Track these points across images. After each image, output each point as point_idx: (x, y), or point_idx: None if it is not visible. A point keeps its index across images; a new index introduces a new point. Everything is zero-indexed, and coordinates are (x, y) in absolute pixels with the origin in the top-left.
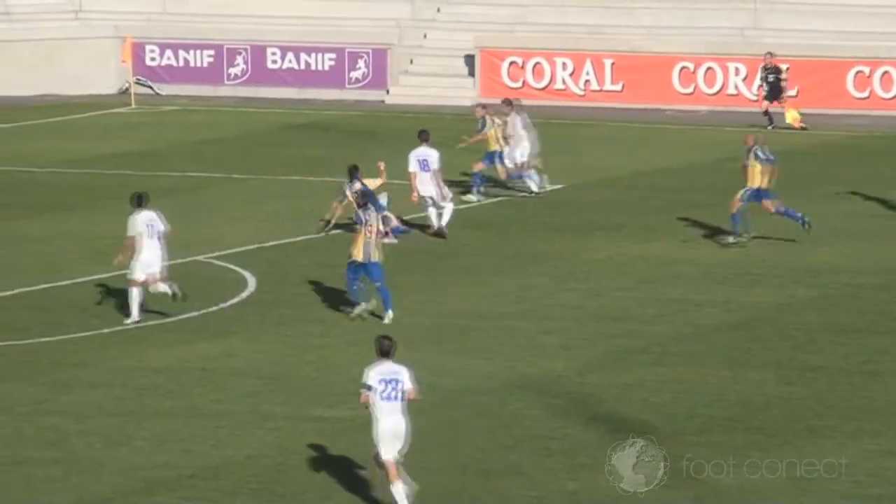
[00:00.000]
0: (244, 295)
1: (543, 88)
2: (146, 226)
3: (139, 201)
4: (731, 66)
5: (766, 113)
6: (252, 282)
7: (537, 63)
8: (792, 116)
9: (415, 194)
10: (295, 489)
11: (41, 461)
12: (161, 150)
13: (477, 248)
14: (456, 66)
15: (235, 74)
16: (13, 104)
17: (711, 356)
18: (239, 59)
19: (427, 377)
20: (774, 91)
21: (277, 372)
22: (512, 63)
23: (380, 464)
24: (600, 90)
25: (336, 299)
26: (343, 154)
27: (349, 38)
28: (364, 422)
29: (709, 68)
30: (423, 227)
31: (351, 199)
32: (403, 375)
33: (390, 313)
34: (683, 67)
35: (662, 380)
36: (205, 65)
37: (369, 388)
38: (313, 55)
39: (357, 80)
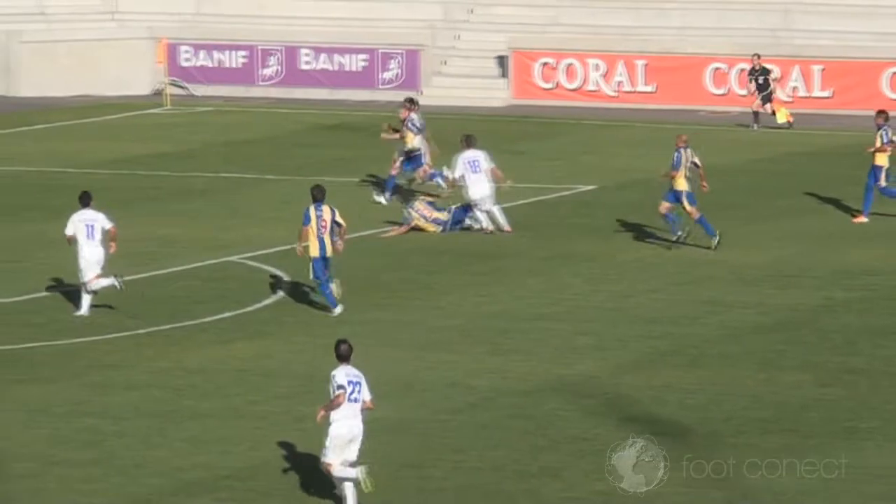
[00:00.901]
0: (278, 296)
1: (576, 89)
2: (85, 225)
3: (82, 200)
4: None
5: (754, 113)
6: (286, 282)
7: (570, 64)
8: (783, 115)
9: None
10: (328, 490)
11: (79, 462)
12: (195, 150)
13: (511, 250)
14: (488, 68)
15: (268, 75)
16: (50, 105)
17: (747, 358)
18: (272, 60)
19: (462, 378)
20: (764, 92)
21: (311, 373)
22: (544, 64)
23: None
24: (633, 91)
25: (368, 301)
26: (374, 155)
27: (382, 40)
28: (396, 422)
29: (742, 69)
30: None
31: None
32: (364, 380)
33: (339, 309)
34: (716, 68)
35: (697, 382)
36: (238, 66)
37: (342, 387)
38: (346, 56)
39: (389, 81)
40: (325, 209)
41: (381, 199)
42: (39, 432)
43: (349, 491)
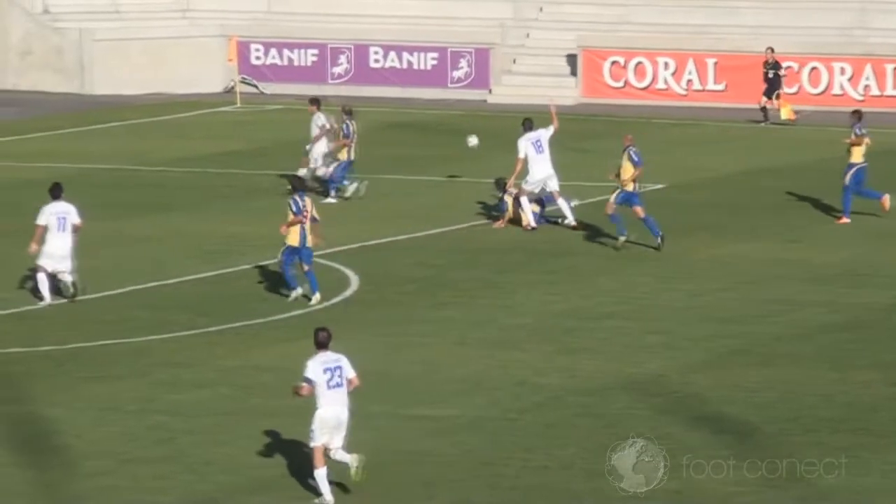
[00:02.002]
0: (347, 294)
1: (645, 88)
2: (57, 218)
3: (53, 192)
4: (837, 65)
5: (763, 109)
6: (355, 281)
7: (639, 63)
8: (787, 112)
9: (512, 181)
10: (398, 488)
11: (150, 459)
12: (265, 148)
13: (581, 248)
14: (558, 66)
15: (339, 73)
16: (123, 103)
17: (817, 357)
18: (342, 59)
19: (531, 377)
20: (773, 86)
21: (380, 371)
22: (614, 63)
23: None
24: (703, 90)
25: (438, 299)
26: (444, 153)
27: (452, 38)
28: (467, 421)
29: (813, 68)
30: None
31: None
32: (344, 363)
33: (318, 295)
34: (787, 67)
35: (767, 380)
36: (309, 64)
37: (310, 381)
38: (416, 54)
39: (459, 80)
40: (308, 199)
41: (331, 200)
42: (110, 430)
43: (325, 486)
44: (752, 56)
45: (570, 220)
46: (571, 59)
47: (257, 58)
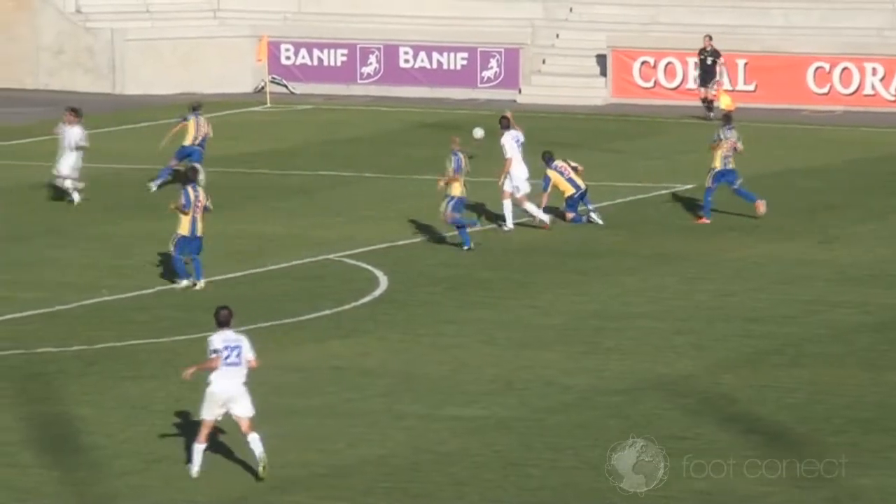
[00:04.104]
0: (376, 294)
1: (675, 88)
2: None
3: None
4: (868, 66)
5: (704, 100)
6: (384, 281)
7: (669, 63)
8: (725, 102)
9: (502, 180)
10: (428, 489)
11: (179, 459)
12: (295, 148)
13: (609, 248)
14: (588, 66)
15: (368, 73)
16: (153, 102)
17: (849, 358)
18: (372, 59)
19: (559, 377)
20: (709, 75)
21: (409, 371)
22: (644, 63)
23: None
24: (733, 90)
25: (467, 299)
26: (474, 154)
27: (481, 38)
28: (496, 421)
29: (845, 68)
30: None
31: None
32: (244, 344)
33: (202, 282)
34: (818, 68)
35: (798, 381)
36: (338, 64)
37: (217, 351)
38: (445, 55)
39: (489, 80)
40: (201, 190)
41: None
42: (140, 429)
43: (198, 460)
44: (782, 57)
45: (509, 225)
46: (601, 60)
47: (287, 58)
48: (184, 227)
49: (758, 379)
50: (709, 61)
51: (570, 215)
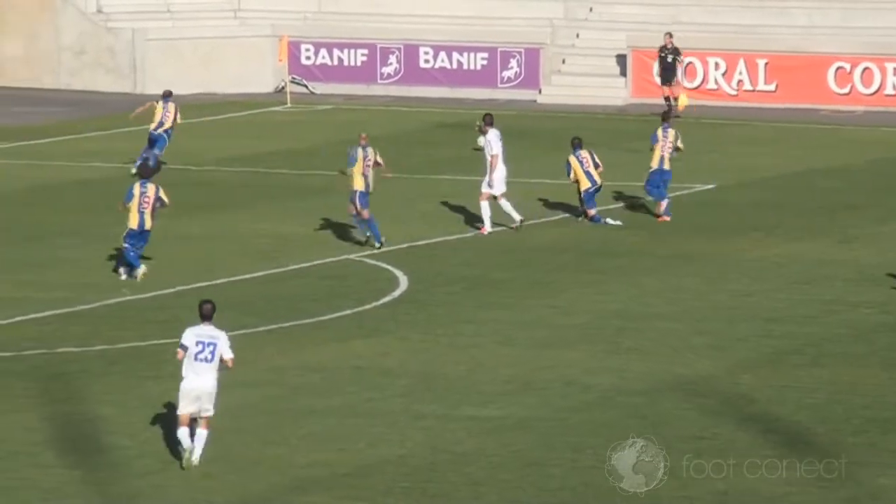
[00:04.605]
0: (396, 294)
1: (696, 88)
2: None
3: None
4: (890, 66)
5: (667, 99)
6: (404, 281)
7: (690, 63)
8: (682, 102)
9: (494, 180)
10: (446, 489)
11: (200, 460)
12: (315, 148)
13: (629, 249)
14: (608, 66)
15: (388, 73)
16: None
17: (869, 357)
18: (392, 59)
19: (580, 377)
20: (669, 72)
21: (429, 371)
22: None
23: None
24: (753, 90)
25: (487, 299)
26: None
27: (501, 38)
28: (515, 421)
29: (866, 68)
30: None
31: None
32: (221, 341)
33: (143, 268)
34: (839, 67)
35: (817, 381)
36: (358, 64)
37: (185, 347)
38: (465, 54)
39: (509, 80)
40: (150, 187)
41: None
42: (161, 429)
43: (186, 440)
44: (803, 56)
45: (517, 218)
46: (621, 60)
47: (307, 58)
48: (132, 222)
49: (777, 379)
50: (669, 59)
51: (591, 212)
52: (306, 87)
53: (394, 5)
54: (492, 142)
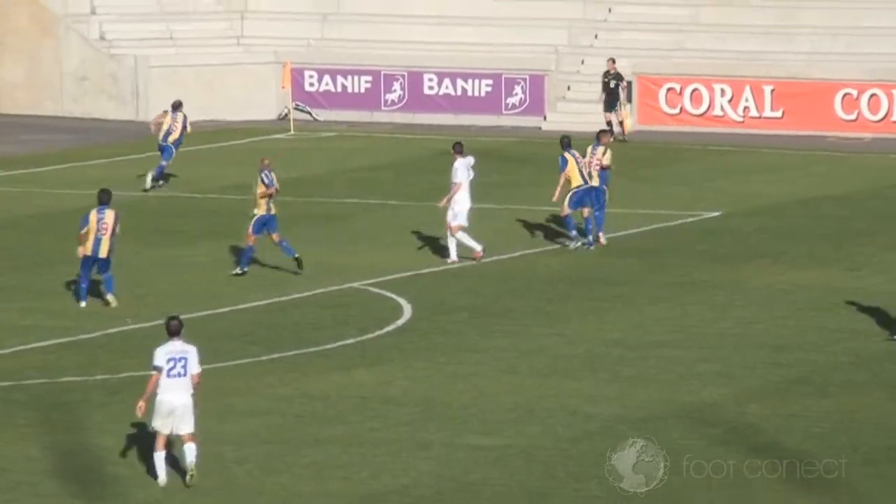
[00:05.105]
0: (400, 322)
1: (701, 115)
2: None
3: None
4: None
5: (609, 125)
6: (408, 309)
7: (695, 89)
8: (627, 125)
9: (445, 202)
10: None
11: (203, 489)
12: (319, 176)
13: (633, 276)
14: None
15: (392, 100)
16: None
17: (876, 386)
18: (396, 85)
19: (583, 406)
20: (613, 99)
21: (432, 400)
22: (669, 89)
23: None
24: (759, 117)
25: (490, 327)
26: (499, 181)
27: (506, 65)
28: (518, 451)
29: (873, 95)
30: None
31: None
32: (191, 356)
33: (110, 296)
34: (846, 94)
35: (825, 410)
36: (362, 91)
37: (159, 368)
38: (470, 81)
39: (514, 107)
40: (109, 213)
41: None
42: None
43: (161, 469)
44: (809, 83)
45: (453, 258)
46: (626, 86)
47: (311, 84)
48: (87, 247)
49: (785, 408)
50: (612, 84)
51: (566, 210)
52: (310, 114)
53: (398, 32)
54: (458, 170)
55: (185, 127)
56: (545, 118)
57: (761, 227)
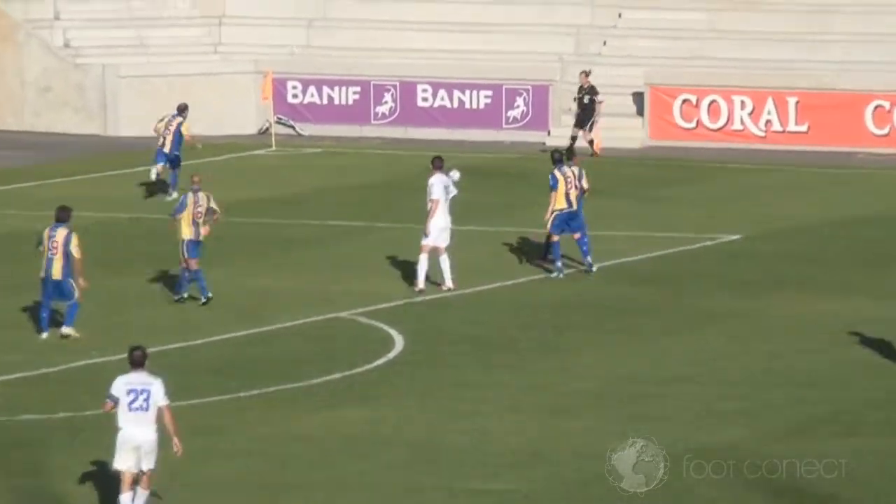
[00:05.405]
0: (391, 355)
1: (719, 129)
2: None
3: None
4: None
5: (573, 139)
6: (400, 341)
7: (713, 101)
8: (598, 144)
9: (429, 229)
10: None
11: None
12: (303, 195)
13: (647, 305)
14: (623, 105)
15: (383, 113)
16: (148, 145)
17: None
18: (387, 97)
19: (592, 446)
20: (587, 114)
21: (428, 441)
22: (685, 101)
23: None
24: (783, 131)
25: (492, 361)
26: (498, 201)
27: (507, 74)
28: (522, 496)
29: None
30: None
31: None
32: (155, 388)
33: (67, 329)
34: (878, 106)
35: (855, 450)
36: (350, 103)
37: (114, 399)
38: (467, 92)
39: (515, 120)
40: (60, 231)
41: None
42: None
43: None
44: (837, 94)
45: (448, 282)
46: (638, 98)
47: (294, 96)
48: (41, 268)
49: (812, 448)
50: (586, 100)
51: (554, 237)
52: (293, 128)
53: (389, 39)
54: (433, 186)
55: (176, 133)
56: (549, 133)
57: (785, 252)
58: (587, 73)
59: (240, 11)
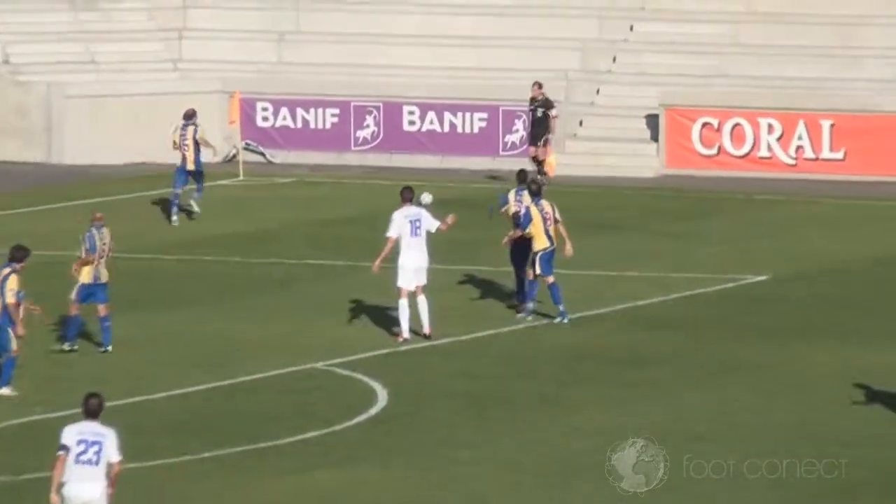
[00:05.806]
0: (373, 411)
1: (744, 156)
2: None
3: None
4: None
5: (534, 159)
6: (383, 395)
7: (737, 125)
8: (550, 164)
9: (377, 264)
10: None
11: None
12: (273, 231)
13: (663, 355)
14: (635, 129)
15: (364, 138)
16: (99, 174)
17: None
18: (369, 120)
19: None
20: (541, 129)
21: None
22: (705, 125)
23: None
24: (816, 159)
25: (486, 416)
26: (494, 236)
27: (504, 94)
28: None
29: None
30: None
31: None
32: (108, 441)
33: (2, 390)
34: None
35: None
36: (327, 126)
37: (66, 448)
38: (459, 115)
39: (513, 146)
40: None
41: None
42: None
43: None
44: (877, 117)
45: (426, 328)
46: (652, 121)
47: (265, 119)
48: None
49: None
50: (539, 113)
51: (550, 279)
52: (263, 154)
53: (371, 55)
54: (393, 222)
55: (183, 141)
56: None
57: (819, 295)
58: (540, 85)
59: (202, 24)
